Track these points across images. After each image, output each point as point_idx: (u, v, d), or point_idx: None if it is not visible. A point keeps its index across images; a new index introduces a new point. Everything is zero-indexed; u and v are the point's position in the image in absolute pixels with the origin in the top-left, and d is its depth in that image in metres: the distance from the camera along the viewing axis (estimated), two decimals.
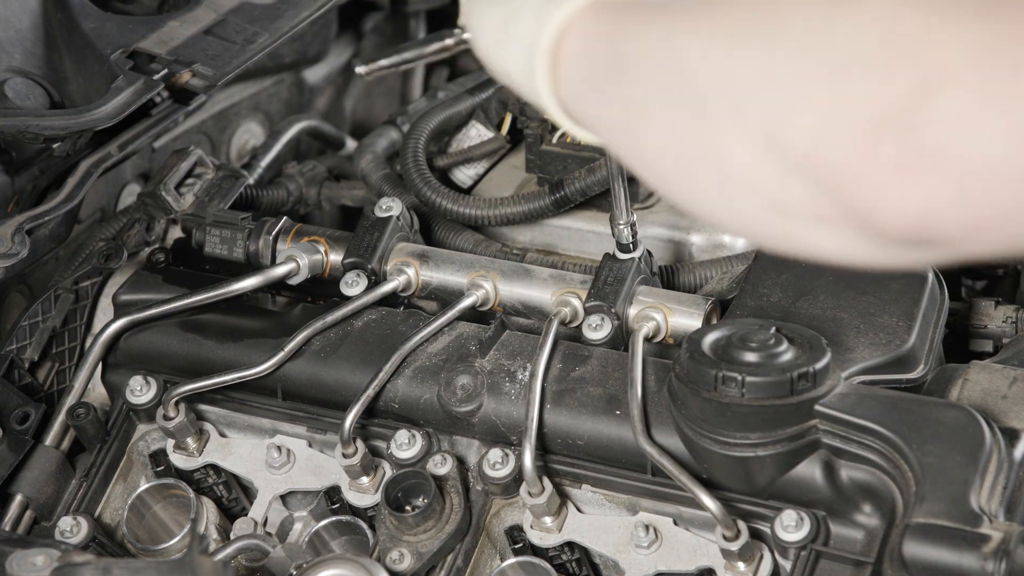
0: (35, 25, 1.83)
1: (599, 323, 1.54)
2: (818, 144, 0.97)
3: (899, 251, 0.98)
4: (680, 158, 1.09)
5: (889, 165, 0.93)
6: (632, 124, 1.12)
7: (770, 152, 1.00)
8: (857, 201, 0.96)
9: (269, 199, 1.92)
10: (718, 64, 1.03)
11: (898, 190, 0.94)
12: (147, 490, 1.56)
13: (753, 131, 1.01)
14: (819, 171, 0.98)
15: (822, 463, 1.37)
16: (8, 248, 1.62)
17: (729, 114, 1.03)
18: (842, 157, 0.96)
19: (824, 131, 0.96)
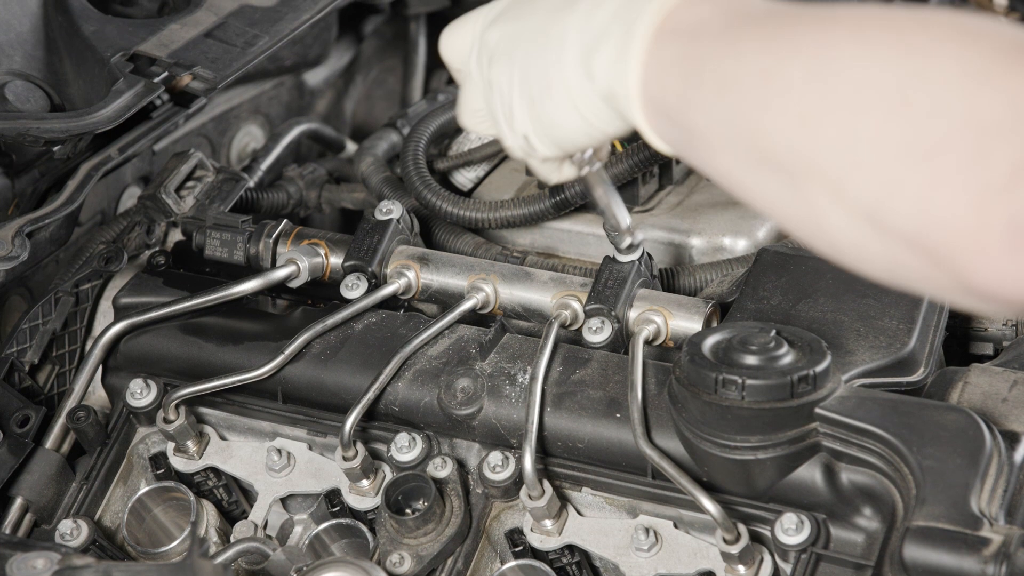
0: (36, 28, 1.83)
1: (599, 326, 1.54)
2: (920, 225, 0.98)
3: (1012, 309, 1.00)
4: (789, 223, 1.11)
5: (998, 243, 0.95)
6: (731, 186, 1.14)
7: (874, 228, 1.02)
8: (969, 276, 0.98)
9: (269, 202, 1.92)
10: (798, 142, 1.04)
11: (1011, 266, 0.96)
12: (147, 493, 1.56)
13: (853, 209, 1.02)
14: (926, 247, 0.99)
15: (822, 466, 1.37)
16: (8, 251, 1.62)
17: (824, 192, 1.04)
18: (946, 237, 0.97)
19: (924, 213, 0.98)
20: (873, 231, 1.02)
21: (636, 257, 1.57)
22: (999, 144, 0.94)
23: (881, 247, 1.03)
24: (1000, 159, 0.94)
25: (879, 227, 1.01)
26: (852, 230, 1.03)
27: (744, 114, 1.07)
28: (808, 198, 1.05)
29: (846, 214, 1.03)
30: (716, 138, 1.10)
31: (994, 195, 0.94)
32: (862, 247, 1.04)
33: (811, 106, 1.02)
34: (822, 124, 1.02)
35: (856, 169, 1.00)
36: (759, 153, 1.07)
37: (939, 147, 0.96)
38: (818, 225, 1.06)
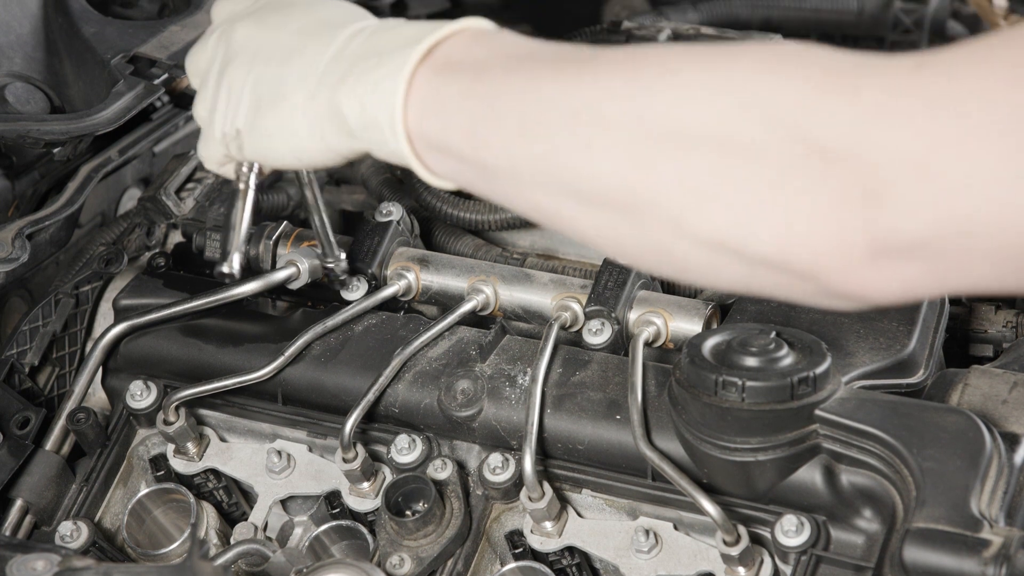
0: (36, 30, 1.83)
1: (599, 327, 1.54)
2: (783, 249, 1.01)
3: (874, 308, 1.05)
4: (623, 252, 1.12)
5: (861, 260, 0.99)
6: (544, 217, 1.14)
7: (729, 253, 1.04)
8: (837, 288, 1.02)
9: (269, 204, 1.92)
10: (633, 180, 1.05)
11: (876, 278, 1.00)
12: (147, 495, 1.56)
13: (702, 240, 1.04)
14: (791, 267, 1.02)
15: (822, 468, 1.37)
16: (8, 253, 1.62)
17: (667, 227, 1.05)
18: (811, 257, 1.01)
19: (785, 237, 1.01)
20: (727, 255, 1.03)
21: None
22: (839, 169, 0.97)
23: (737, 268, 1.05)
24: (845, 182, 0.97)
25: (734, 252, 1.03)
26: (702, 256, 1.05)
27: (559, 153, 1.07)
28: (648, 231, 1.06)
29: (695, 243, 1.04)
30: (524, 176, 1.10)
31: (850, 217, 0.98)
32: (716, 269, 1.06)
33: (639, 147, 1.03)
34: (655, 165, 1.03)
35: (701, 202, 1.02)
36: (582, 190, 1.07)
37: (781, 176, 0.99)
38: (662, 253, 1.08)
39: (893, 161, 0.96)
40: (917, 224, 0.97)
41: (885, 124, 0.96)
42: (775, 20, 2.19)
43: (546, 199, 1.10)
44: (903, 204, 0.97)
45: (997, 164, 0.94)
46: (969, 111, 0.95)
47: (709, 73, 1.03)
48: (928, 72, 0.97)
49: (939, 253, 0.98)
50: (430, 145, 1.15)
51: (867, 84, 0.98)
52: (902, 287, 1.01)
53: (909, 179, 0.96)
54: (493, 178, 1.13)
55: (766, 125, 0.99)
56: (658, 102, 1.03)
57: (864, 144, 0.97)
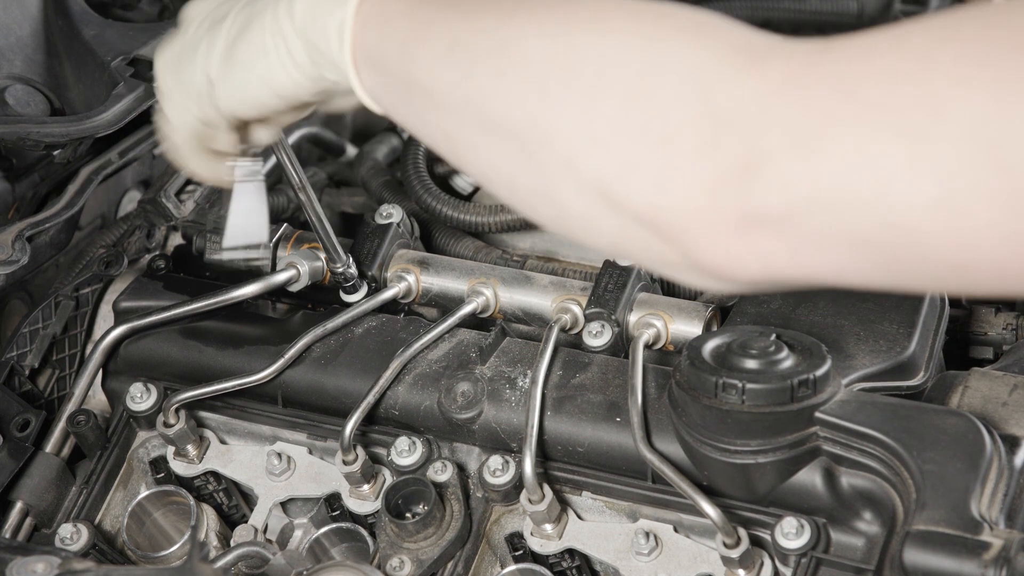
0: (36, 32, 1.83)
1: (599, 330, 1.54)
2: (655, 205, 1.03)
3: (734, 288, 1.07)
4: (513, 190, 1.14)
5: (727, 228, 1.01)
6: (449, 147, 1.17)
7: (607, 203, 1.06)
8: (699, 256, 1.04)
9: (270, 206, 1.91)
10: (537, 114, 1.08)
11: (738, 250, 1.02)
12: (147, 497, 1.56)
13: (586, 184, 1.06)
14: (659, 226, 1.04)
15: (822, 470, 1.37)
16: (9, 255, 1.62)
17: (558, 165, 1.07)
18: (680, 218, 1.03)
19: (660, 194, 1.03)
20: (605, 206, 1.06)
21: None
22: (731, 137, 0.99)
23: (611, 222, 1.07)
24: (732, 151, 0.99)
25: (611, 203, 1.05)
26: (583, 203, 1.07)
27: (476, 78, 1.10)
28: (540, 168, 1.09)
29: (578, 187, 1.07)
30: (440, 97, 1.13)
31: (726, 184, 1.00)
32: (592, 219, 1.08)
33: (552, 82, 1.06)
34: (562, 101, 1.06)
35: (593, 146, 1.05)
36: (489, 119, 1.10)
37: (674, 135, 1.01)
38: (548, 195, 1.10)
39: (779, 136, 0.98)
40: (785, 197, 0.98)
41: (780, 100, 0.98)
42: (775, 22, 2.19)
43: (454, 125, 1.13)
44: (776, 176, 0.98)
45: (880, 149, 0.94)
46: (866, 94, 0.95)
47: (634, 26, 1.05)
48: (836, 54, 0.98)
49: (800, 229, 0.99)
50: (367, 57, 1.17)
51: (774, 63, 1.00)
52: (761, 263, 1.02)
53: (788, 153, 0.97)
54: (411, 97, 1.15)
55: (672, 84, 1.02)
56: (580, 45, 1.06)
57: (756, 117, 0.99)
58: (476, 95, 1.10)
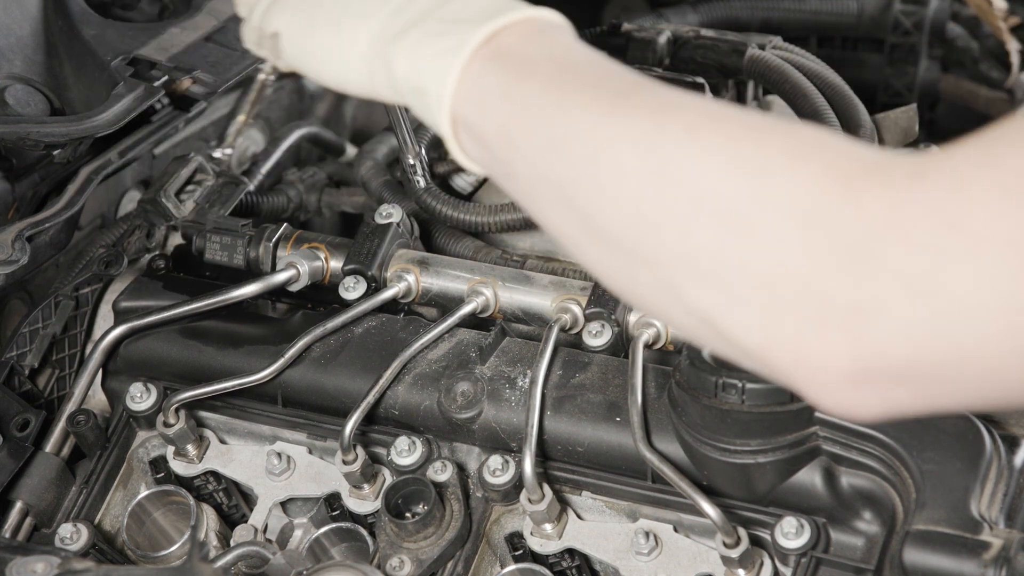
0: (36, 32, 1.83)
1: (599, 330, 1.54)
2: (762, 347, 0.99)
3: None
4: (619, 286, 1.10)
5: (840, 379, 0.96)
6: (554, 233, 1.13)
7: (713, 332, 1.02)
8: (812, 398, 0.99)
9: (269, 206, 1.92)
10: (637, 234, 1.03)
11: (855, 399, 0.98)
12: (147, 497, 1.56)
13: (691, 310, 1.02)
14: (767, 366, 1.00)
15: (822, 470, 1.37)
16: (8, 255, 1.62)
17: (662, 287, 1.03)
18: (789, 364, 0.98)
19: (766, 336, 0.98)
20: (712, 333, 1.02)
21: None
22: (835, 282, 0.94)
23: (723, 346, 1.03)
24: (838, 295, 0.94)
25: (718, 333, 1.01)
26: (692, 323, 1.04)
27: (576, 184, 1.06)
28: (645, 285, 1.05)
29: (685, 311, 1.03)
30: (542, 191, 1.10)
31: (836, 332, 0.94)
32: (703, 337, 1.05)
33: (648, 202, 1.02)
34: (661, 224, 1.01)
35: (696, 278, 1.00)
36: (592, 226, 1.06)
37: (777, 274, 0.96)
38: (657, 308, 1.07)
39: (888, 278, 0.92)
40: (906, 348, 0.93)
41: (885, 237, 0.92)
42: (775, 22, 2.19)
43: (559, 219, 1.10)
44: (892, 325, 0.93)
45: (997, 284, 0.89)
46: (972, 225, 0.90)
47: (728, 147, 1.00)
48: (932, 180, 0.93)
49: (928, 377, 0.95)
50: (467, 129, 1.15)
51: (874, 191, 0.94)
52: (884, 409, 0.98)
53: (901, 297, 0.92)
54: (517, 180, 1.13)
55: (770, 221, 0.96)
56: (676, 163, 1.01)
57: (861, 258, 0.93)
58: (577, 199, 1.06)
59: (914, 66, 2.22)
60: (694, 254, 1.00)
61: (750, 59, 1.82)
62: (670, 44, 1.89)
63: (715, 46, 1.86)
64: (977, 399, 0.97)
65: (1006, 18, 2.18)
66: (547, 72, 1.10)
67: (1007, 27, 2.18)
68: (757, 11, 2.19)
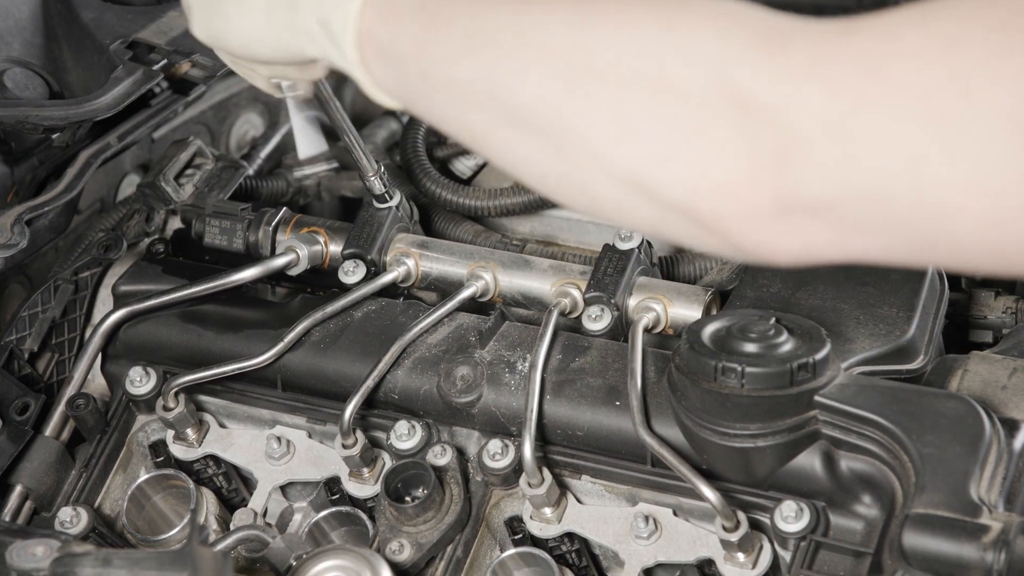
0: (34, 15, 1.83)
1: (599, 314, 1.54)
2: (691, 195, 1.03)
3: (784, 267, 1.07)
4: (543, 181, 1.13)
5: (765, 215, 1.01)
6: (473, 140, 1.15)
7: (641, 194, 1.06)
8: (739, 241, 1.04)
9: (269, 190, 1.92)
10: (564, 107, 1.06)
11: (778, 236, 1.02)
12: (147, 481, 1.56)
13: (619, 175, 1.06)
14: (696, 215, 1.04)
15: (822, 454, 1.37)
16: (8, 239, 1.62)
17: (590, 159, 1.07)
18: (717, 207, 1.03)
19: (695, 184, 1.03)
20: (640, 196, 1.05)
21: None
22: (762, 124, 0.99)
23: (647, 210, 1.07)
24: (764, 138, 0.99)
25: (646, 193, 1.05)
26: (617, 193, 1.07)
27: (500, 73, 1.09)
28: (571, 160, 1.08)
29: (611, 179, 1.06)
30: (461, 92, 1.11)
31: (761, 172, 1.00)
32: (627, 208, 1.08)
33: (576, 75, 1.05)
34: (588, 94, 1.05)
35: (623, 138, 1.04)
36: (515, 114, 1.09)
37: (705, 124, 1.01)
38: (580, 185, 1.09)
39: (810, 120, 0.97)
40: (824, 184, 0.98)
41: (808, 83, 0.98)
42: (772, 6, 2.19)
43: (479, 120, 1.12)
44: (813, 162, 0.98)
45: (912, 131, 0.94)
46: (894, 74, 0.95)
47: (657, 18, 1.05)
48: (862, 35, 0.98)
49: (842, 216, 0.99)
50: (378, 52, 1.15)
51: (799, 45, 0.99)
52: (803, 247, 1.03)
53: (823, 138, 0.97)
54: (432, 92, 1.14)
55: (699, 74, 1.01)
56: (603, 38, 1.05)
57: (785, 102, 0.98)
58: (499, 90, 1.09)
59: None
60: (621, 118, 1.03)
61: None
62: None
63: None
64: (888, 249, 1.02)
65: None
66: None
67: None
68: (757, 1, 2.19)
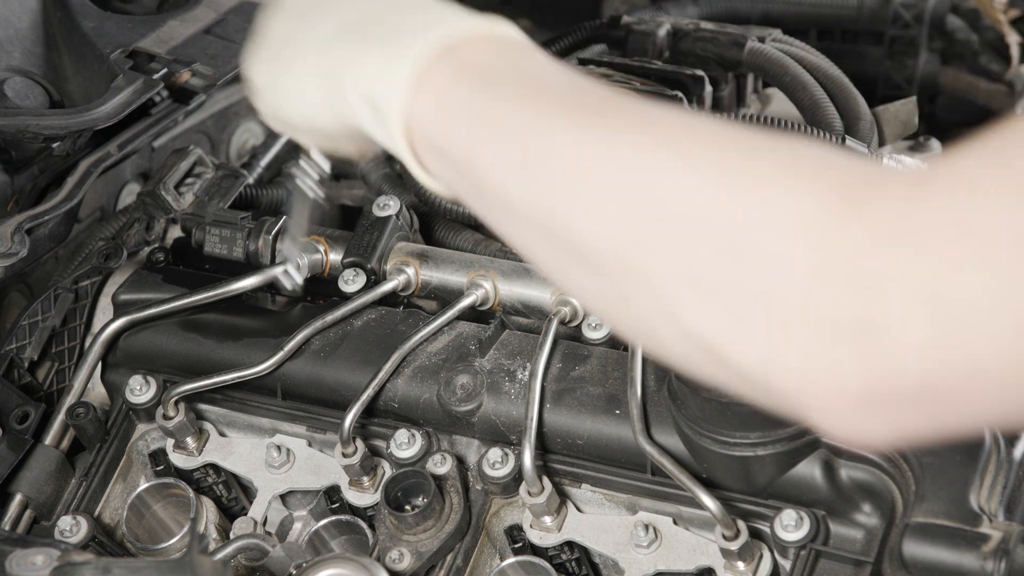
0: (35, 24, 1.83)
1: (599, 322, 1.54)
2: (765, 370, 0.93)
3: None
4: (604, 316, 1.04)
5: (852, 404, 0.90)
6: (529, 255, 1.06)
7: (710, 356, 0.95)
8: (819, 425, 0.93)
9: (269, 198, 1.92)
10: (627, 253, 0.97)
11: (865, 424, 0.92)
12: (147, 489, 1.56)
13: (687, 334, 0.95)
14: (771, 390, 0.94)
15: (822, 462, 1.37)
16: (8, 247, 1.62)
17: (654, 310, 0.97)
18: (795, 390, 0.92)
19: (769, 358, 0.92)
20: (710, 358, 0.95)
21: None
22: (844, 296, 0.88)
23: (720, 372, 0.97)
24: (843, 312, 0.88)
25: (716, 358, 0.95)
26: (684, 348, 0.97)
27: (556, 203, 1.00)
28: (635, 308, 0.99)
29: (678, 335, 0.96)
30: (516, 210, 1.03)
31: (844, 353, 0.89)
32: (699, 365, 0.98)
33: (641, 221, 0.95)
34: (654, 244, 0.95)
35: (690, 298, 0.94)
36: (574, 247, 1.00)
37: (781, 292, 0.90)
38: (647, 334, 1.00)
39: (898, 289, 0.87)
40: (918, 364, 0.87)
41: (892, 247, 0.87)
42: (774, 14, 2.19)
43: (538, 242, 1.04)
44: (905, 339, 0.87)
45: (1014, 290, 0.84)
46: (981, 228, 0.85)
47: (728, 166, 0.94)
48: (938, 186, 0.88)
49: (940, 396, 0.89)
50: (430, 145, 1.08)
51: (876, 203, 0.89)
52: (896, 433, 0.92)
53: (914, 309, 0.86)
54: (487, 201, 1.06)
55: (771, 235, 0.91)
56: (669, 182, 0.95)
57: (867, 271, 0.88)
58: (558, 220, 0.99)
59: (914, 59, 2.22)
60: (690, 275, 0.94)
61: (750, 52, 1.82)
62: (670, 37, 1.89)
63: (715, 39, 1.86)
64: (995, 415, 0.91)
65: (1006, 11, 2.18)
66: (518, 86, 1.04)
67: (1007, 20, 2.18)
68: (757, 4, 2.19)
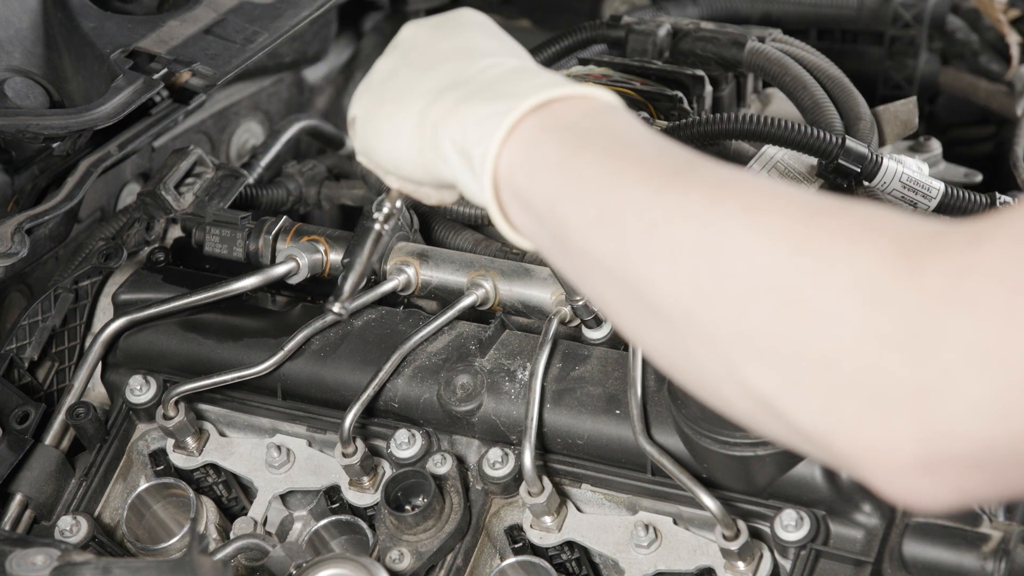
0: (35, 24, 1.83)
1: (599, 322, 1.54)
2: (823, 430, 0.94)
3: None
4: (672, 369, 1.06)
5: (910, 468, 0.90)
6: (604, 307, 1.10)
7: (771, 413, 0.97)
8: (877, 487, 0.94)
9: (269, 198, 1.92)
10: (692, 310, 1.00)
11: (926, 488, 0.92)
12: (147, 489, 1.56)
13: (748, 391, 0.98)
14: (829, 450, 0.95)
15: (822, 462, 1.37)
16: (8, 247, 1.62)
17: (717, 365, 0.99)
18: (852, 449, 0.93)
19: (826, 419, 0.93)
20: (771, 414, 0.98)
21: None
22: (898, 360, 0.89)
23: (780, 429, 0.99)
24: (901, 375, 0.89)
25: (776, 415, 0.97)
26: (749, 405, 0.99)
27: (629, 257, 1.04)
28: (700, 364, 1.02)
29: (741, 392, 0.99)
30: (594, 262, 1.07)
31: (901, 417, 0.89)
32: (761, 422, 1.00)
33: (704, 279, 0.99)
34: (717, 301, 0.98)
35: (753, 358, 0.96)
36: (645, 299, 1.03)
37: (838, 354, 0.92)
38: (712, 389, 1.03)
39: (954, 351, 0.87)
40: (978, 427, 0.87)
41: (948, 308, 0.87)
42: (775, 15, 2.19)
43: (610, 294, 1.08)
44: (962, 403, 0.87)
45: None
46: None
47: (786, 225, 0.97)
48: (992, 244, 0.89)
49: (1003, 457, 0.88)
50: (516, 196, 1.12)
51: (931, 262, 0.89)
52: (955, 495, 0.92)
53: (969, 372, 0.86)
54: (568, 253, 1.10)
55: (830, 297, 0.92)
56: (733, 243, 0.98)
57: (923, 333, 0.88)
58: (630, 274, 1.03)
59: (914, 59, 2.22)
60: (751, 333, 0.96)
61: (750, 52, 1.82)
62: (670, 36, 1.89)
63: (715, 39, 1.86)
64: None
65: (1006, 11, 2.18)
66: (603, 146, 1.08)
67: (1007, 20, 2.18)
68: (757, 4, 2.19)
